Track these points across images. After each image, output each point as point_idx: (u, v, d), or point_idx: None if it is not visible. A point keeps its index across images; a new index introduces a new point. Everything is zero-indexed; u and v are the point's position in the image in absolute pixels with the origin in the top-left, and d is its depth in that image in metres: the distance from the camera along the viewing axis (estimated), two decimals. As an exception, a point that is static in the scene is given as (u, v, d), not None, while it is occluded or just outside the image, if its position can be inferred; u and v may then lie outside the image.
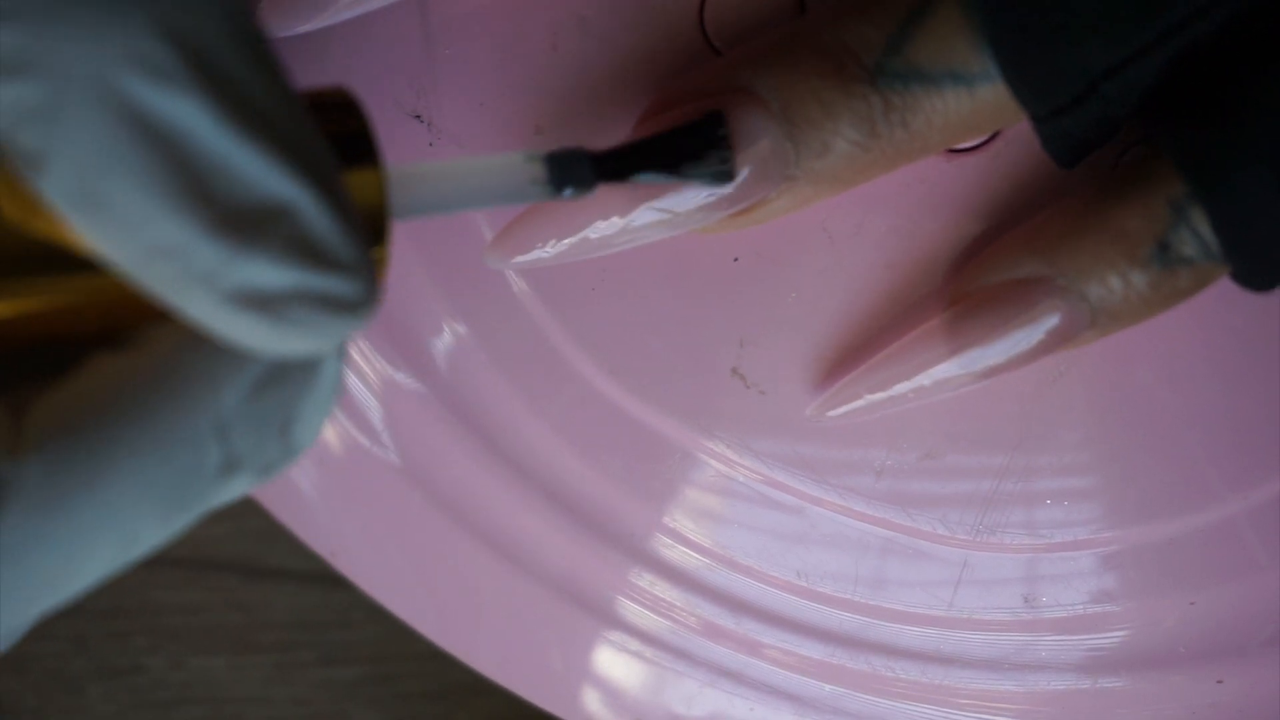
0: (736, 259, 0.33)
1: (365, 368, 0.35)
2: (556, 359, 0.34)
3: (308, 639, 0.48)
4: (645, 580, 0.35)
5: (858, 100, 0.28)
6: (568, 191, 0.25)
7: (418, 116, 0.33)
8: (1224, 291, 0.30)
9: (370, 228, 0.23)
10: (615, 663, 0.36)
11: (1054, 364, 0.33)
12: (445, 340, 0.34)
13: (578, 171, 0.25)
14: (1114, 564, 0.34)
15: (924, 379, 0.31)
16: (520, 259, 0.30)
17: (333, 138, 0.23)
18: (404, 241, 0.33)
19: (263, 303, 0.20)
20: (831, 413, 0.32)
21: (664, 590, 0.35)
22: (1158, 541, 0.34)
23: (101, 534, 0.21)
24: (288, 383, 0.22)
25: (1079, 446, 0.33)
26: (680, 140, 0.28)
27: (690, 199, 0.28)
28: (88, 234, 0.20)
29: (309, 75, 0.33)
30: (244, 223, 0.20)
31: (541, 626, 0.36)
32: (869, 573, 0.35)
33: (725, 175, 0.28)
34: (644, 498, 0.35)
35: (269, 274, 0.20)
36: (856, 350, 0.33)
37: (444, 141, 0.33)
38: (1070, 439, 0.33)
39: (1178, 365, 0.33)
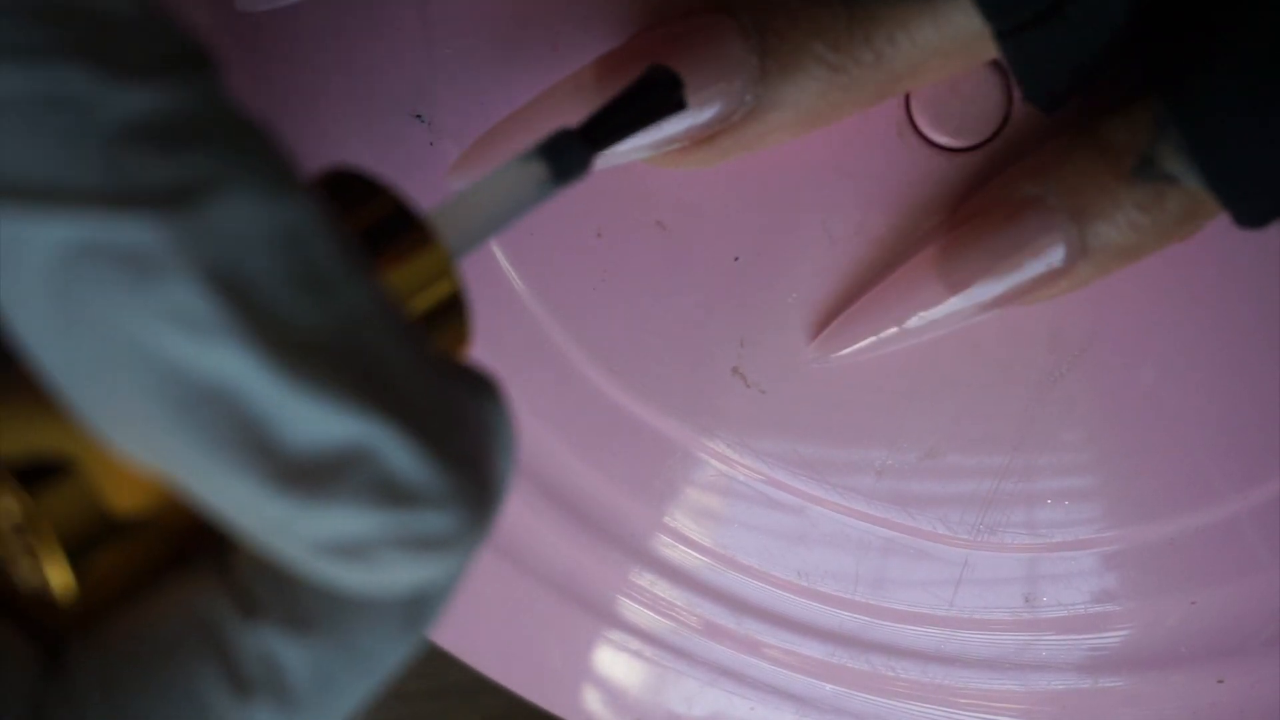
0: (737, 259, 0.33)
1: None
2: (556, 359, 0.34)
3: (308, 638, 0.48)
4: (645, 580, 0.35)
5: (822, 10, 0.28)
6: (571, 179, 0.25)
7: (418, 116, 0.33)
8: (1225, 290, 0.30)
9: (447, 307, 0.22)
10: (615, 662, 0.36)
11: (1055, 363, 0.33)
12: (445, 340, 0.34)
13: (577, 157, 0.24)
14: (1115, 563, 0.34)
15: (929, 314, 0.30)
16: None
17: (373, 226, 0.22)
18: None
19: (348, 550, 0.19)
20: (838, 353, 0.31)
21: (664, 590, 0.35)
22: (1159, 541, 0.34)
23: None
24: None
25: (1080, 446, 0.33)
26: (640, 95, 0.28)
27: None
28: (166, 477, 0.19)
29: (308, 77, 0.33)
30: (311, 471, 0.18)
31: (541, 626, 0.36)
32: (870, 572, 0.35)
33: (678, 104, 0.27)
34: (644, 498, 0.35)
35: (348, 521, 0.19)
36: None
37: (444, 141, 0.33)
38: (1071, 439, 0.33)
39: (1179, 365, 0.33)
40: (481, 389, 0.21)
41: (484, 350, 0.34)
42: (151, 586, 0.21)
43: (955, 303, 0.30)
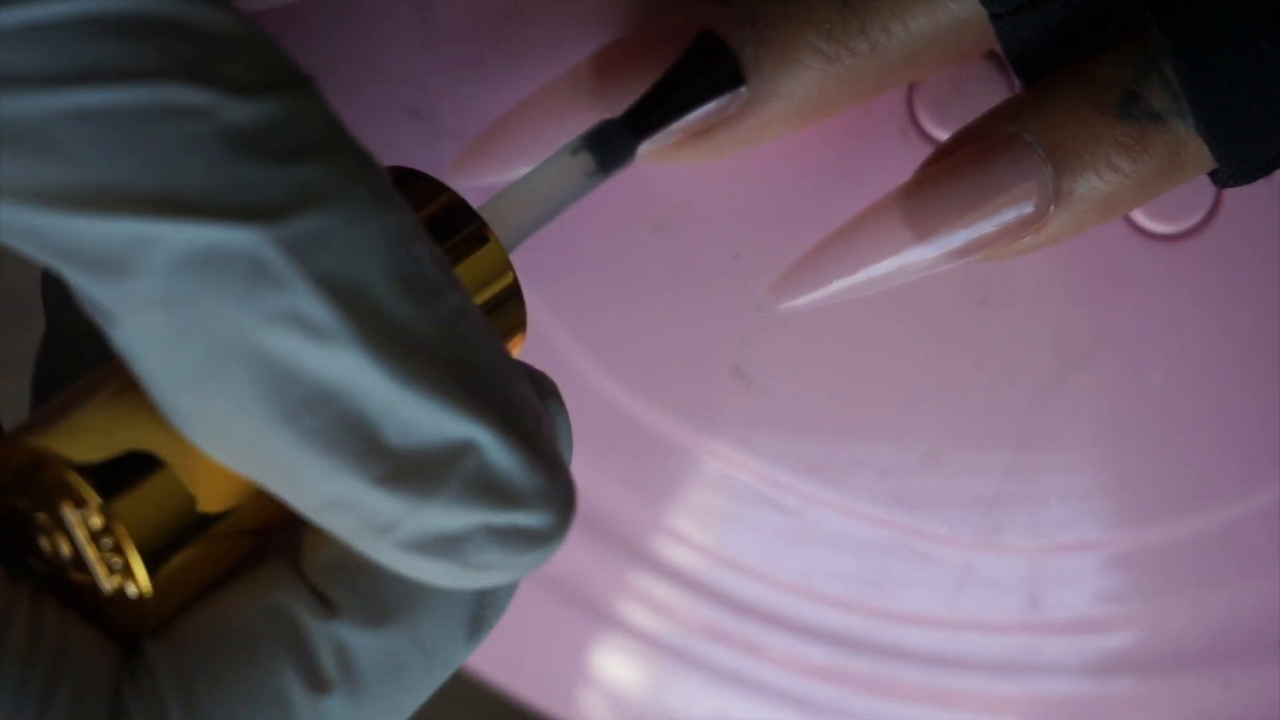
0: (738, 256, 0.33)
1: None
2: (556, 359, 0.34)
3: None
4: (645, 580, 0.35)
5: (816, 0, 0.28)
6: (616, 169, 0.26)
7: (417, 114, 0.33)
8: (1233, 289, 0.30)
9: (504, 300, 0.24)
10: (615, 664, 0.36)
11: (1059, 364, 0.33)
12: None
13: (622, 147, 0.26)
14: (1120, 566, 0.34)
15: (891, 261, 0.29)
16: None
17: (435, 224, 0.23)
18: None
19: (446, 545, 0.20)
20: (791, 304, 0.30)
21: (664, 590, 0.35)
22: (1164, 543, 0.34)
23: None
24: None
25: (1085, 447, 0.33)
26: (688, 68, 0.28)
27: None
28: (258, 481, 0.20)
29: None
30: (419, 470, 0.20)
31: (541, 627, 0.36)
32: (872, 573, 0.34)
33: (735, 79, 0.28)
34: (644, 498, 0.35)
35: (450, 517, 0.20)
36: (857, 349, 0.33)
37: (443, 140, 0.33)
38: (1076, 440, 0.33)
39: (1185, 367, 0.33)
40: (546, 389, 0.23)
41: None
42: (225, 583, 0.22)
43: (919, 251, 0.28)
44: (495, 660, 0.37)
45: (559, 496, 0.21)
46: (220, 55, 0.19)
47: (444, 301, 0.20)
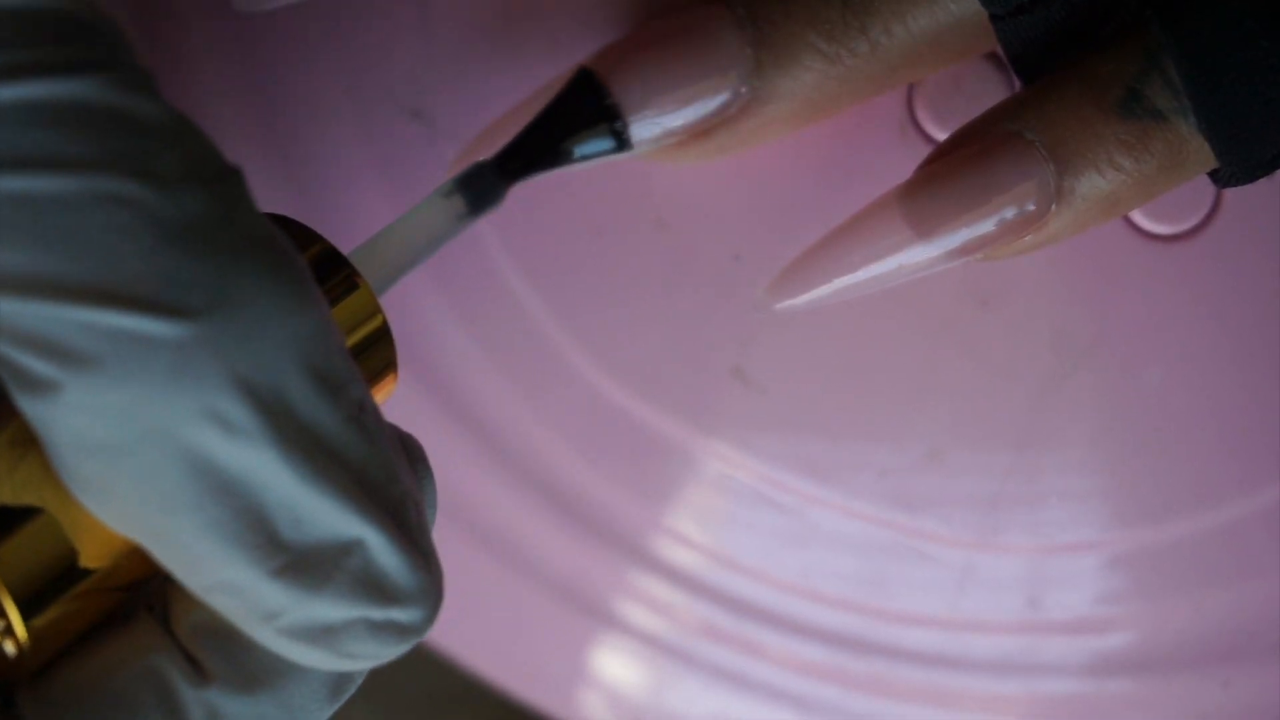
0: (738, 257, 0.33)
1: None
2: (556, 359, 0.34)
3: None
4: (645, 580, 0.35)
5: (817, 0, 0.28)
6: (485, 211, 0.27)
7: (417, 115, 0.33)
8: (1235, 288, 0.30)
9: (373, 341, 0.24)
10: (615, 664, 0.36)
11: (1059, 364, 0.33)
12: (445, 340, 0.34)
13: (490, 189, 0.27)
14: (1120, 566, 0.34)
15: (891, 260, 0.28)
16: None
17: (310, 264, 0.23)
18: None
19: (324, 635, 0.21)
20: (790, 302, 0.29)
21: (664, 590, 0.35)
22: (1164, 543, 0.34)
23: None
24: None
25: (1085, 447, 0.33)
26: (557, 112, 0.28)
27: (651, 122, 0.28)
28: (147, 551, 0.21)
29: (307, 78, 0.33)
30: (311, 565, 0.21)
31: (541, 627, 0.36)
32: (871, 573, 0.34)
33: (621, 140, 0.28)
34: (644, 498, 0.35)
35: (333, 610, 0.21)
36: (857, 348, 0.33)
37: (444, 142, 0.33)
38: (1076, 439, 0.33)
39: (1185, 366, 0.33)
40: (415, 454, 0.24)
41: (481, 351, 0.34)
42: (98, 637, 0.22)
43: (920, 249, 0.28)
44: (495, 660, 0.37)
45: (432, 594, 0.22)
46: (153, 147, 0.20)
47: (349, 394, 0.21)
